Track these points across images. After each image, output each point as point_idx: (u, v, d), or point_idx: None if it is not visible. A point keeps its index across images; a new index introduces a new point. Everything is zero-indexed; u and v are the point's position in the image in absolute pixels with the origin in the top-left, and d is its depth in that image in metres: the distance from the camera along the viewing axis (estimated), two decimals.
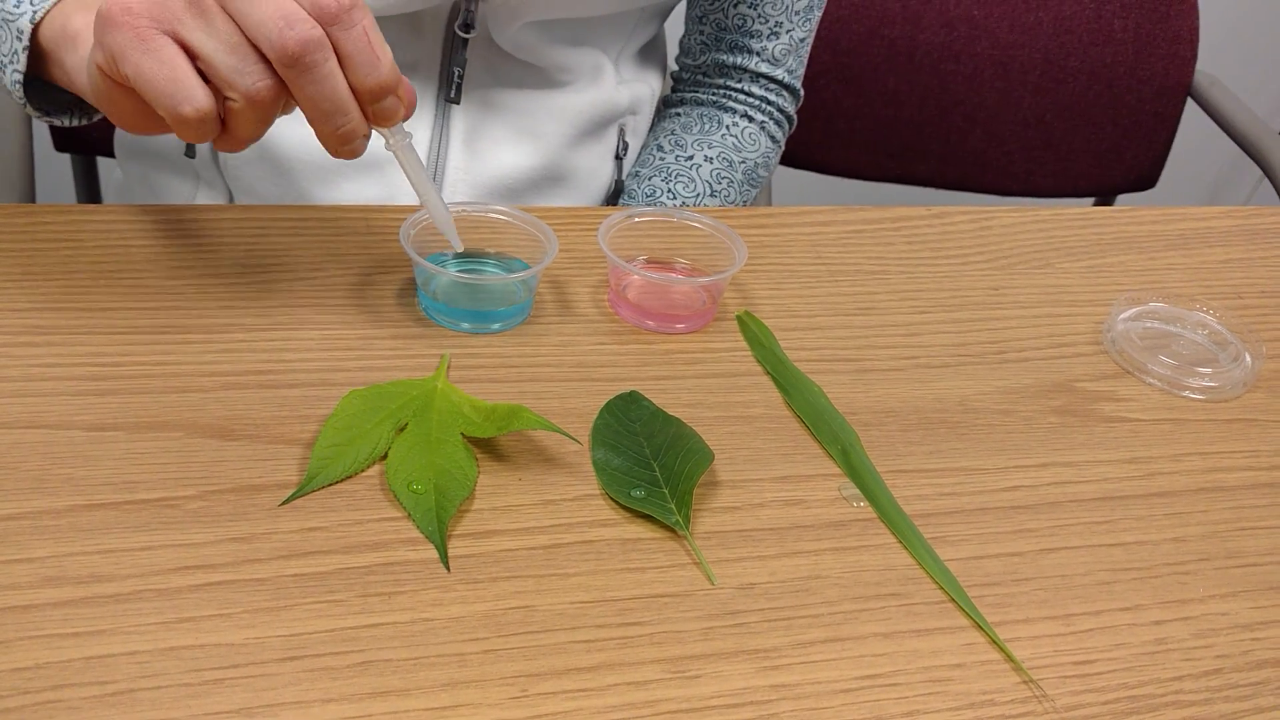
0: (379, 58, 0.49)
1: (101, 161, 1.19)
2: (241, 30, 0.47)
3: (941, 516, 0.53)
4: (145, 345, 0.56)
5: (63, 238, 0.62)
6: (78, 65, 0.54)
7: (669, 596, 0.47)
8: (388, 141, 0.55)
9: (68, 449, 0.50)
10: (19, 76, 0.56)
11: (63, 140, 1.12)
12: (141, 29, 0.47)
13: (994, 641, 0.47)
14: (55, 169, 1.23)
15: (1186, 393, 0.64)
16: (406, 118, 0.53)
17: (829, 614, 0.48)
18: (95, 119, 0.63)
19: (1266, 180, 1.21)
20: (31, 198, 1.03)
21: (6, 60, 0.56)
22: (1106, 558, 0.52)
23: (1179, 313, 0.70)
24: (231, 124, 0.50)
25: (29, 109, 0.59)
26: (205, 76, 0.48)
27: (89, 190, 1.18)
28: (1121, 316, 0.68)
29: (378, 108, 0.51)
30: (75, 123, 0.62)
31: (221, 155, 0.77)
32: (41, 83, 0.60)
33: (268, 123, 0.51)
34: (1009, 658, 0.47)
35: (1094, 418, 0.61)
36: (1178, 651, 0.48)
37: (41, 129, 1.08)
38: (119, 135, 0.87)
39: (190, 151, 0.77)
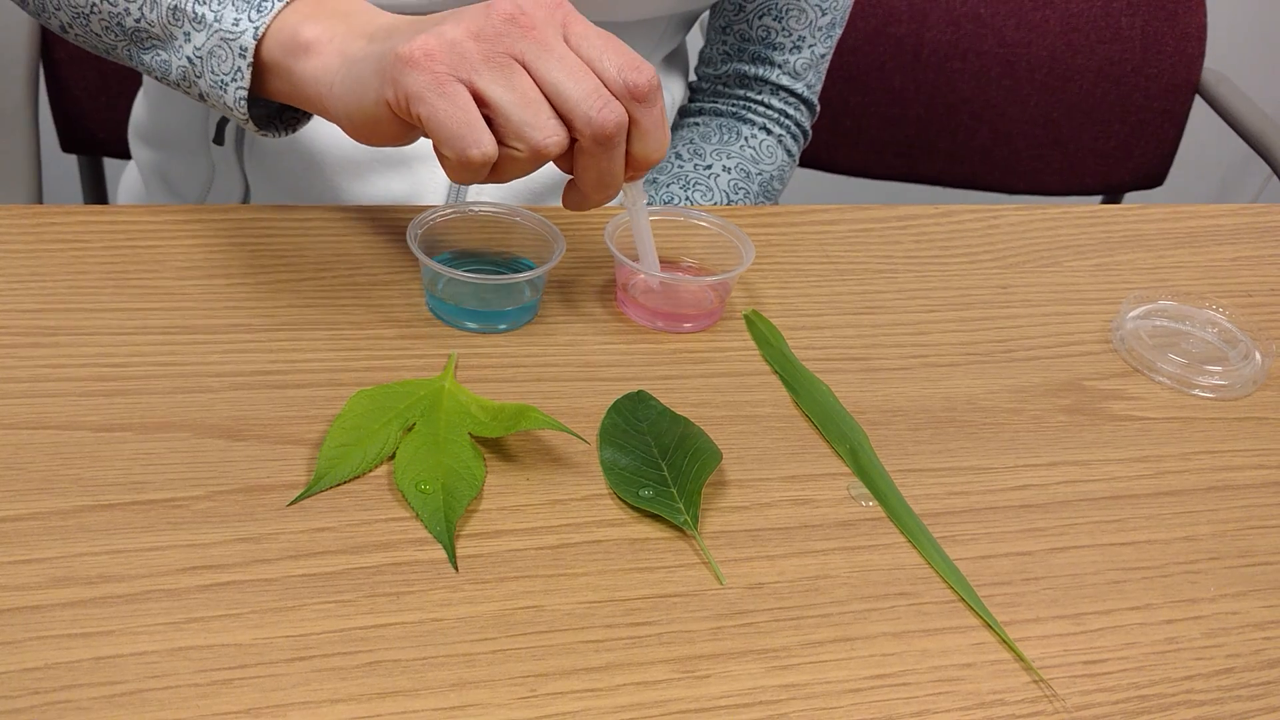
0: (666, 135, 0.53)
1: (108, 162, 1.19)
2: (540, 86, 0.51)
3: (950, 516, 0.53)
4: (153, 346, 0.56)
5: (70, 238, 0.62)
6: (309, 74, 0.55)
7: (677, 596, 0.47)
8: (625, 196, 0.58)
9: (76, 449, 0.50)
10: (243, 94, 0.57)
11: (69, 141, 1.12)
12: (440, 75, 0.50)
13: (1004, 641, 0.47)
14: (62, 170, 1.24)
15: (1196, 391, 0.64)
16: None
17: (838, 613, 0.47)
18: (299, 130, 0.64)
19: (1275, 178, 1.20)
20: (39, 199, 1.03)
21: (228, 78, 0.57)
22: (1116, 557, 0.52)
23: (1188, 311, 0.69)
24: (503, 168, 0.52)
25: (251, 126, 0.60)
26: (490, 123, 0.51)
27: (96, 191, 1.18)
28: (1130, 315, 0.68)
29: (635, 173, 0.55)
30: (282, 135, 0.63)
31: (248, 146, 0.78)
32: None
33: (536, 170, 0.53)
34: (1019, 657, 0.47)
35: (1103, 416, 0.61)
36: (1189, 651, 0.48)
37: (48, 130, 1.08)
38: (133, 124, 0.87)
39: (219, 138, 0.77)
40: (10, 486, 0.48)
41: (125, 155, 1.03)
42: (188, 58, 0.58)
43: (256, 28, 0.56)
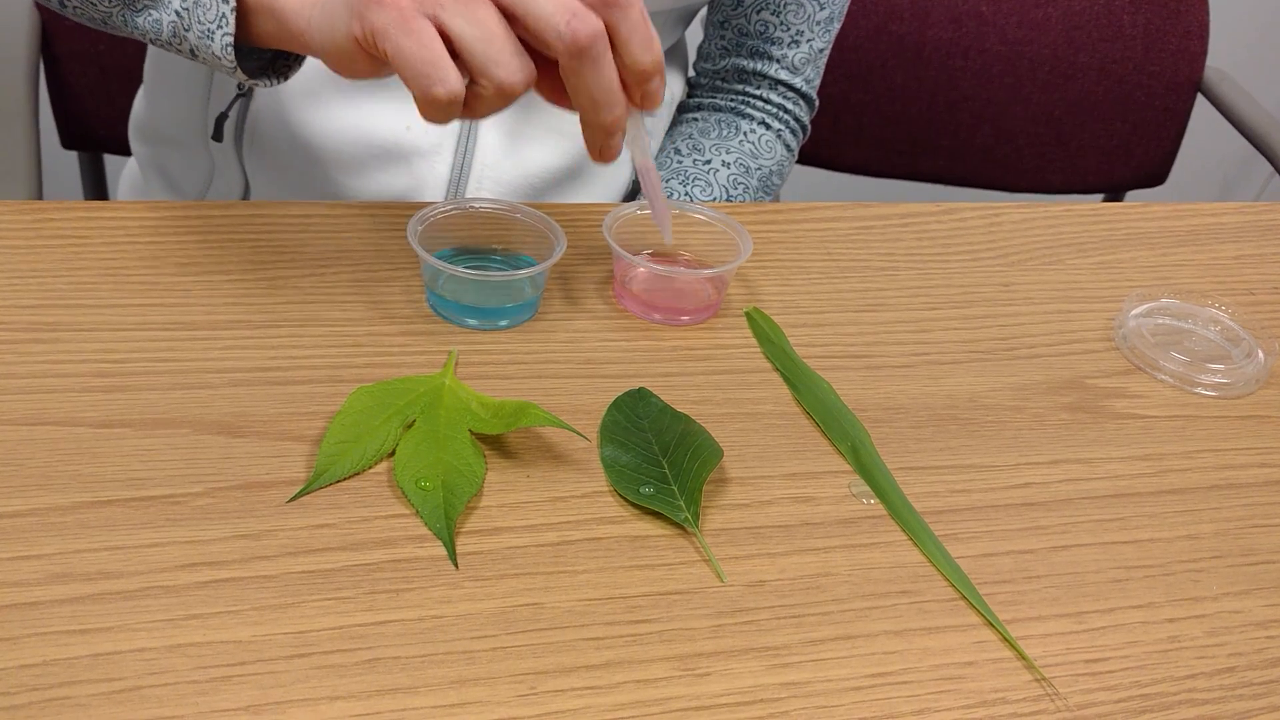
0: (652, 36, 0.50)
1: (108, 158, 1.19)
2: (506, 21, 0.49)
3: (952, 514, 0.53)
4: (152, 342, 0.56)
5: (69, 234, 0.62)
6: (290, 9, 0.55)
7: (678, 594, 0.47)
8: (627, 135, 0.54)
9: (75, 446, 0.50)
10: (229, 39, 0.57)
11: (69, 138, 1.12)
12: (405, 10, 0.49)
13: (1005, 639, 0.47)
14: (62, 166, 1.23)
15: (1198, 389, 0.64)
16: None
17: (839, 611, 0.47)
18: (290, 77, 0.64)
19: (1277, 176, 1.20)
20: (38, 195, 1.03)
21: (214, 26, 0.57)
22: (1119, 555, 0.52)
23: (1191, 309, 0.69)
24: (474, 105, 0.51)
25: (239, 74, 0.59)
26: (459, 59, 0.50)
27: (96, 187, 1.18)
28: (1133, 313, 0.68)
29: (647, 90, 0.51)
30: (275, 83, 0.63)
31: (247, 143, 0.77)
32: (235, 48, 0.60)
33: (507, 106, 0.52)
34: (1021, 655, 0.46)
35: (1105, 414, 0.61)
36: (1191, 649, 0.48)
37: (48, 126, 1.08)
38: (134, 120, 0.87)
39: (218, 135, 0.77)
40: (9, 482, 0.48)
41: (125, 152, 1.03)
42: (176, 11, 0.58)
43: None
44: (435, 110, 0.50)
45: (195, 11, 0.57)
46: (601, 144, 0.53)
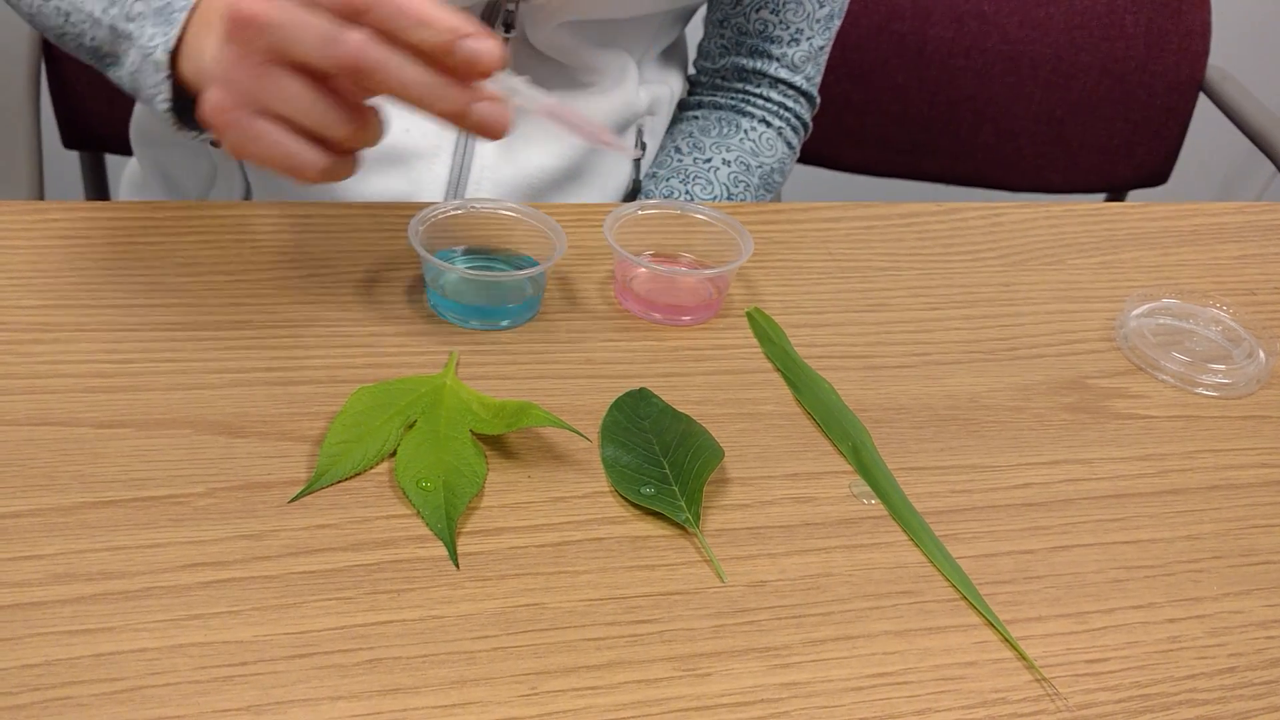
0: (422, 12, 0.46)
1: (110, 159, 1.19)
2: (311, 76, 0.48)
3: (953, 514, 0.53)
4: (154, 342, 0.56)
5: (71, 235, 0.62)
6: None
7: (679, 594, 0.47)
8: (508, 98, 0.50)
9: (76, 446, 0.50)
10: (166, 105, 0.58)
11: (71, 138, 1.12)
12: (233, 119, 0.49)
13: (1006, 639, 0.47)
14: (64, 166, 1.23)
15: (1200, 389, 0.64)
16: (504, 62, 0.49)
17: (840, 612, 0.47)
18: None
19: (1279, 175, 1.20)
20: (40, 195, 1.03)
21: (154, 92, 0.58)
22: (1119, 555, 0.52)
23: (1192, 309, 0.69)
24: (349, 158, 0.51)
25: (187, 134, 0.60)
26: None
27: (97, 187, 1.18)
28: (1134, 313, 0.68)
29: (462, 59, 0.47)
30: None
31: None
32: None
33: (375, 137, 0.51)
34: (1021, 656, 0.47)
35: (1106, 414, 0.61)
36: (1191, 650, 0.48)
37: (50, 127, 1.08)
38: (135, 123, 0.87)
39: (216, 142, 0.77)
40: (11, 483, 0.48)
41: (127, 151, 1.03)
42: (129, 73, 0.60)
43: (166, 42, 0.56)
44: (323, 180, 0.50)
45: (139, 76, 0.59)
46: (476, 130, 0.49)
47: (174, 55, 0.56)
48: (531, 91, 0.51)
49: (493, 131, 0.49)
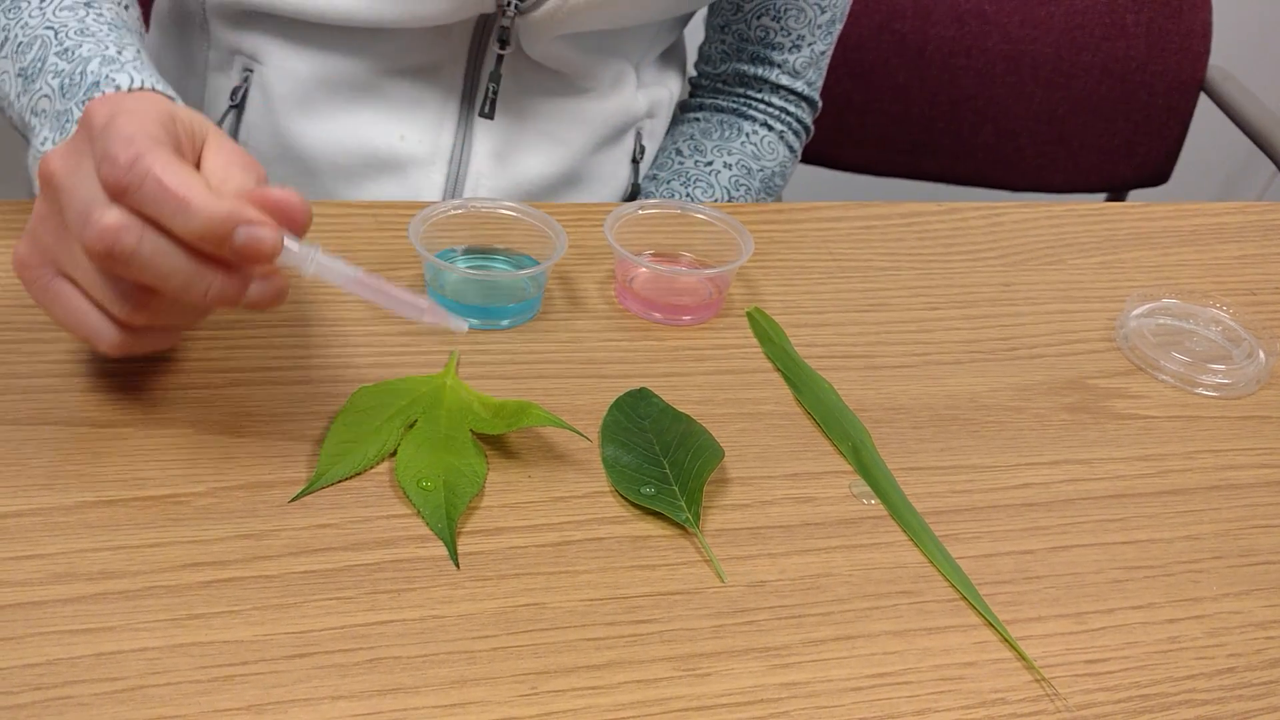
0: (186, 198, 0.42)
1: None
2: None
3: (953, 514, 0.53)
4: None
5: None
6: None
7: (679, 594, 0.47)
8: (301, 271, 0.46)
9: (77, 445, 0.50)
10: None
11: None
12: (38, 281, 0.47)
13: (1006, 640, 0.47)
14: None
15: (1199, 390, 0.64)
16: (299, 233, 0.46)
17: (840, 612, 0.47)
18: None
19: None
20: None
21: (35, 193, 0.55)
22: (1119, 556, 0.52)
23: (1192, 309, 0.69)
24: (143, 339, 0.48)
25: None
26: None
27: None
28: (1134, 313, 0.68)
29: (235, 249, 0.44)
30: None
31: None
32: None
33: (174, 316, 0.47)
34: (1021, 656, 0.47)
35: (1106, 415, 0.61)
36: (1190, 650, 0.48)
37: None
38: None
39: None
40: (12, 482, 0.48)
41: None
42: (28, 160, 0.58)
43: (48, 139, 0.55)
44: (122, 353, 0.48)
45: (32, 168, 0.57)
46: (245, 306, 0.46)
47: None
48: (332, 263, 0.47)
49: (269, 306, 0.47)
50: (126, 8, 0.62)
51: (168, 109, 0.47)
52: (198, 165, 0.48)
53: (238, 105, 0.76)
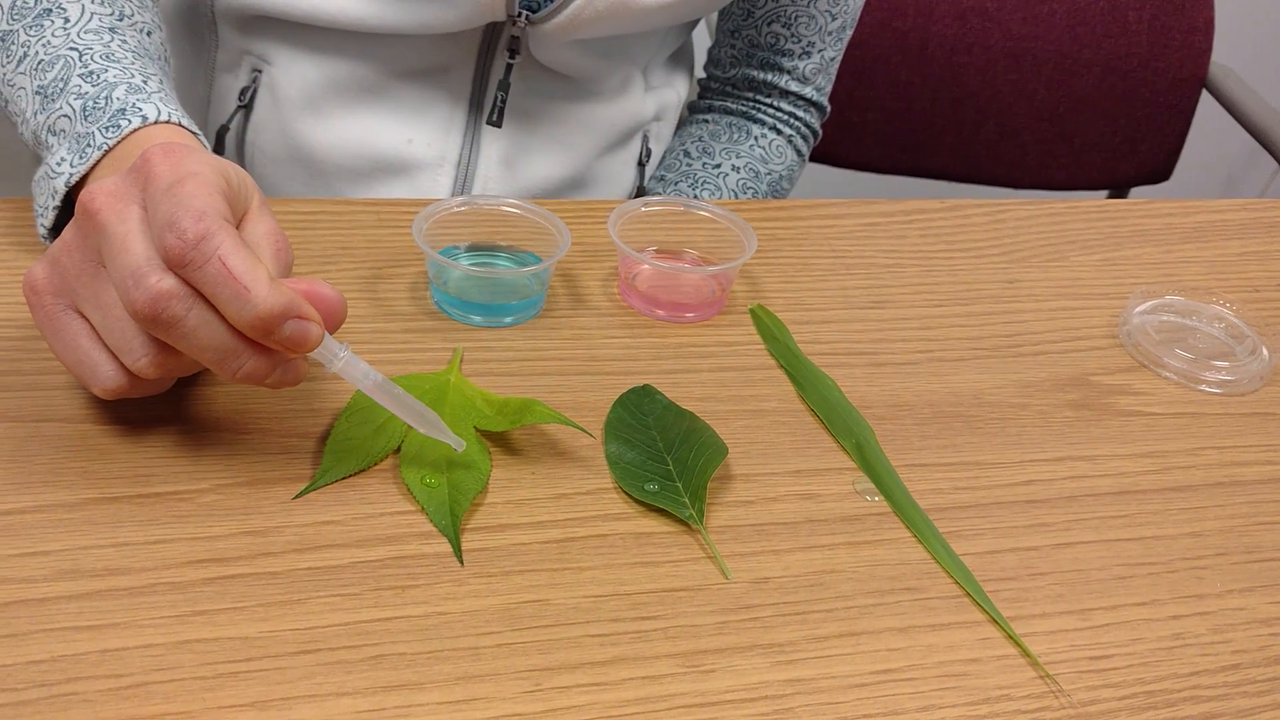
0: (248, 289, 0.43)
1: None
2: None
3: (956, 511, 0.53)
4: None
5: None
6: None
7: (683, 591, 0.47)
8: (326, 365, 0.47)
9: (81, 442, 0.50)
10: (44, 232, 0.55)
11: None
12: (47, 309, 0.47)
13: (1010, 636, 0.47)
14: None
15: (1203, 386, 0.64)
16: (334, 328, 0.47)
17: (843, 608, 0.47)
18: None
19: None
20: None
21: (41, 209, 0.55)
22: (1123, 552, 0.52)
23: (1195, 306, 0.69)
24: (141, 386, 0.48)
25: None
26: None
27: None
28: (1137, 310, 0.68)
29: (279, 338, 0.44)
30: None
31: (248, 157, 0.78)
32: None
33: (185, 372, 0.48)
34: (1025, 652, 0.47)
35: (1110, 411, 0.61)
36: (1194, 646, 0.48)
37: None
38: None
39: (219, 148, 0.77)
40: (16, 479, 0.48)
41: None
42: (35, 179, 0.57)
43: (70, 175, 0.54)
44: (113, 397, 0.47)
45: (39, 185, 0.56)
46: (266, 385, 0.46)
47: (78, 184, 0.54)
48: (357, 365, 0.48)
49: (284, 387, 0.47)
50: (149, 34, 0.61)
51: (223, 171, 0.46)
52: (238, 225, 0.47)
53: (246, 105, 0.76)
